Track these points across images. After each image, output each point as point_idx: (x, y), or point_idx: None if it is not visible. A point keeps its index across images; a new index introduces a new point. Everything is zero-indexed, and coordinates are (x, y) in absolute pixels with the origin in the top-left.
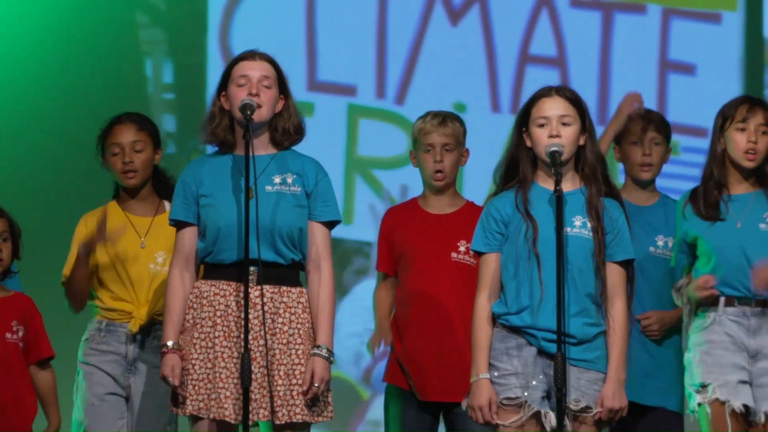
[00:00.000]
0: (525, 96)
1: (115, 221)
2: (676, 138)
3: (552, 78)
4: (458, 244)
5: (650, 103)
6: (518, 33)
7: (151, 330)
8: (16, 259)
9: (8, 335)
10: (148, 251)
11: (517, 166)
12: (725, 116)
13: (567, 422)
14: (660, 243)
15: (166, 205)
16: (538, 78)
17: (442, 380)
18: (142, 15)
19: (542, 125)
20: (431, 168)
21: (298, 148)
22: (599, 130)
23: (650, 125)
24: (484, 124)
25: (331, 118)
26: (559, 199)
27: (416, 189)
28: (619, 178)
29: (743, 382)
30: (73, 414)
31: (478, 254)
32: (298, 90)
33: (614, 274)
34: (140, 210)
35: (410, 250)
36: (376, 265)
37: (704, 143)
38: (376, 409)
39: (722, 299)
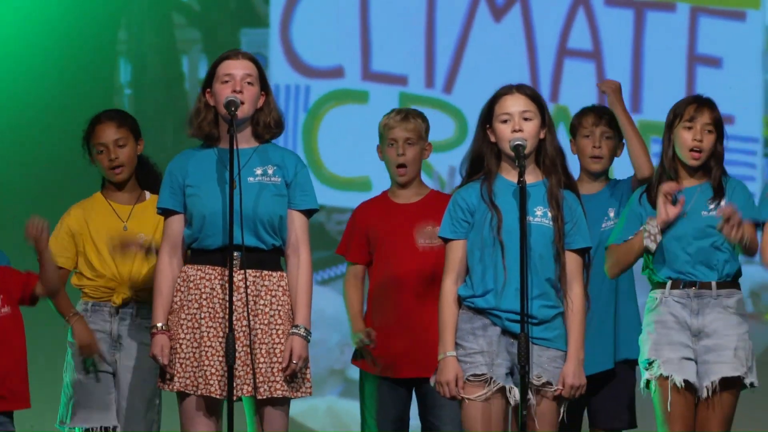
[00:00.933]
0: (563, 86)
1: (99, 211)
2: None
3: (588, 70)
4: (424, 229)
5: (680, 93)
6: (556, 29)
7: (134, 309)
8: None
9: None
10: (129, 234)
11: (482, 160)
12: (675, 114)
13: (531, 395)
14: (612, 214)
15: (147, 194)
16: (575, 70)
17: (412, 358)
18: (179, 16)
19: (505, 121)
20: (394, 162)
21: (345, 136)
22: (635, 120)
23: (601, 120)
24: None
25: (384, 106)
26: (522, 190)
27: None
28: (617, 173)
29: (687, 358)
30: (62, 392)
31: (445, 241)
32: (354, 79)
33: (572, 261)
34: (122, 199)
35: (380, 239)
36: (337, 249)
37: (730, 129)
38: None
39: (668, 282)
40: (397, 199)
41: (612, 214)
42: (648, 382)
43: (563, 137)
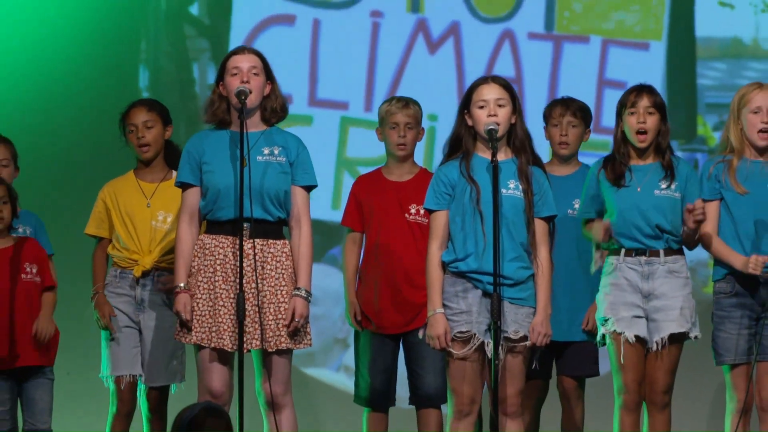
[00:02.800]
0: None
1: (128, 188)
2: (605, 137)
3: None
4: (410, 207)
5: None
6: (484, 59)
7: (155, 275)
8: (15, 218)
9: (23, 276)
10: (151, 210)
11: (461, 141)
12: (621, 104)
13: (501, 351)
14: (576, 206)
15: (173, 173)
16: None
17: (399, 316)
18: (190, 28)
19: (482, 107)
20: (396, 141)
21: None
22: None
23: (567, 111)
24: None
25: (326, 128)
26: (495, 167)
27: None
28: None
29: (637, 317)
30: (101, 347)
31: (430, 212)
32: (300, 105)
33: (540, 228)
34: (149, 177)
35: (373, 211)
36: (342, 221)
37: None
38: None
39: (623, 250)
40: (390, 177)
41: (576, 206)
42: (604, 336)
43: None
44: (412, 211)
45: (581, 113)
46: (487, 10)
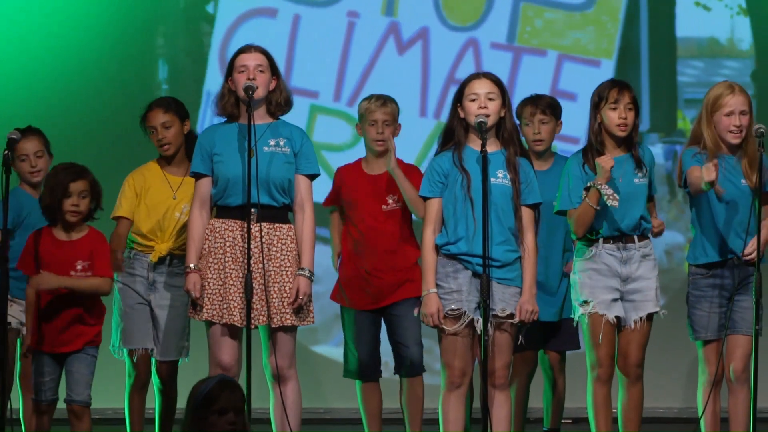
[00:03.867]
0: (447, 107)
1: (155, 180)
2: (556, 143)
3: None
4: (388, 198)
5: None
6: (448, 63)
7: (168, 260)
8: (100, 209)
9: (72, 273)
10: (177, 203)
11: (453, 133)
12: (600, 97)
13: (490, 328)
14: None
15: None
16: None
17: (376, 293)
18: (206, 25)
19: (473, 100)
20: (374, 137)
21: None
22: None
23: (537, 109)
24: (413, 126)
25: (296, 114)
26: (484, 157)
27: None
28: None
29: (615, 299)
30: (113, 322)
31: (425, 199)
32: None
33: (526, 214)
34: (174, 171)
35: (352, 201)
36: (324, 203)
37: (576, 146)
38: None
39: (601, 238)
40: (370, 171)
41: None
42: (581, 315)
43: None
44: (389, 201)
45: (550, 109)
46: (455, 19)
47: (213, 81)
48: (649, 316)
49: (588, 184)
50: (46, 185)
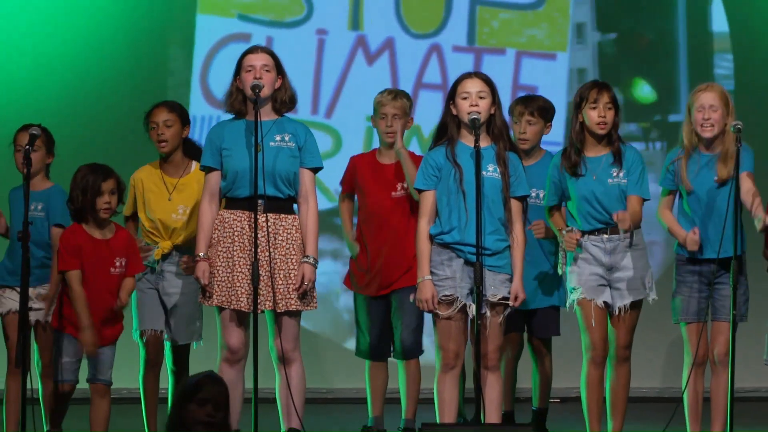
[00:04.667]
0: (418, 110)
1: (153, 181)
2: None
3: (437, 99)
4: (397, 186)
5: (505, 112)
6: (415, 69)
7: (174, 252)
8: (121, 204)
9: (112, 270)
10: (172, 204)
11: (446, 129)
12: (581, 97)
13: (485, 309)
14: (533, 194)
15: (193, 165)
16: (428, 98)
17: (387, 277)
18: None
19: (465, 98)
20: (384, 129)
21: None
22: None
23: (526, 110)
24: None
25: None
26: (477, 152)
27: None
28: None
29: (602, 285)
30: (132, 307)
31: (419, 191)
32: None
33: (515, 206)
34: (171, 171)
35: (364, 188)
36: (341, 182)
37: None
38: None
39: (587, 232)
40: (382, 159)
41: (533, 194)
42: (573, 301)
43: None
44: (398, 188)
45: (539, 111)
46: (418, 27)
47: (197, 106)
48: (635, 303)
49: (564, 232)
50: (75, 186)
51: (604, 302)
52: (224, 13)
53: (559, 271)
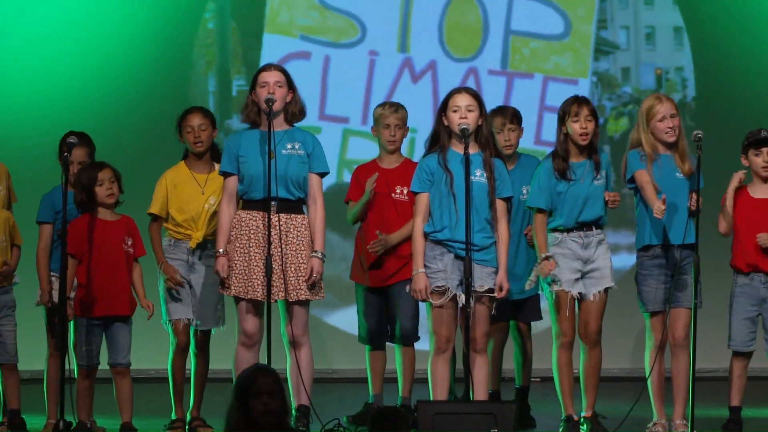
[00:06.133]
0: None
1: (185, 179)
2: (545, 148)
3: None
4: (396, 188)
5: (532, 132)
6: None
7: (203, 245)
8: (121, 193)
9: (124, 246)
10: (204, 196)
11: (438, 137)
12: (564, 112)
13: (471, 301)
14: (524, 192)
15: (215, 165)
16: None
17: (384, 272)
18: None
19: (455, 111)
20: (387, 138)
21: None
22: None
23: (506, 119)
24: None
25: (331, 136)
26: (467, 159)
27: None
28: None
29: (578, 278)
30: (160, 297)
31: (415, 194)
32: (312, 119)
33: (500, 206)
34: (200, 168)
35: (371, 191)
36: (346, 198)
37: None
38: None
39: (568, 229)
40: (383, 165)
41: (525, 191)
42: (551, 292)
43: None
44: (398, 191)
45: (516, 118)
46: (458, 52)
47: None
48: (606, 291)
49: (542, 257)
50: (76, 183)
51: (579, 293)
52: (288, 33)
53: (526, 287)
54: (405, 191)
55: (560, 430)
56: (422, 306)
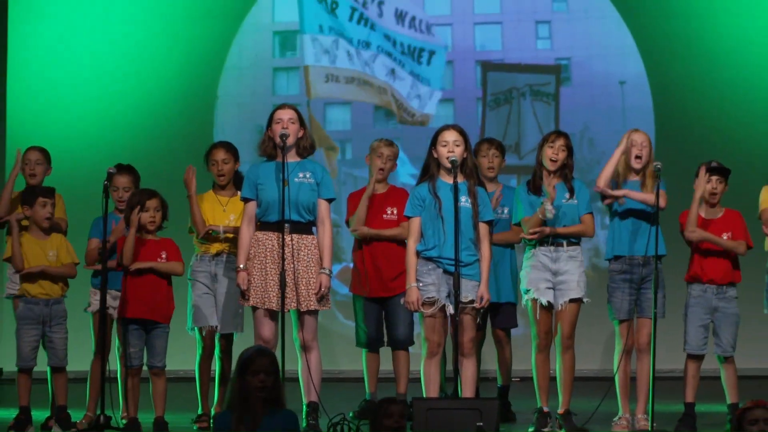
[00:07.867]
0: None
1: (210, 201)
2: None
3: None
4: (386, 209)
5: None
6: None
7: (225, 257)
8: (165, 220)
9: (159, 260)
10: (226, 214)
11: (429, 168)
12: (543, 140)
13: (460, 309)
14: (505, 211)
15: (238, 192)
16: None
17: (380, 284)
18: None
19: (444, 146)
20: (380, 166)
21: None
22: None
23: (491, 146)
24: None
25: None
26: (456, 186)
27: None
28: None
29: (548, 288)
30: (188, 307)
31: (408, 218)
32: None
33: (483, 228)
34: (224, 194)
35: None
36: (346, 220)
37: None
38: None
39: (538, 243)
40: (374, 190)
41: (505, 211)
42: (527, 301)
43: None
44: (388, 212)
45: (500, 148)
46: None
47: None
48: (574, 300)
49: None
50: (128, 204)
51: (548, 302)
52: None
53: (549, 217)
54: (394, 211)
55: (534, 419)
56: (416, 315)
